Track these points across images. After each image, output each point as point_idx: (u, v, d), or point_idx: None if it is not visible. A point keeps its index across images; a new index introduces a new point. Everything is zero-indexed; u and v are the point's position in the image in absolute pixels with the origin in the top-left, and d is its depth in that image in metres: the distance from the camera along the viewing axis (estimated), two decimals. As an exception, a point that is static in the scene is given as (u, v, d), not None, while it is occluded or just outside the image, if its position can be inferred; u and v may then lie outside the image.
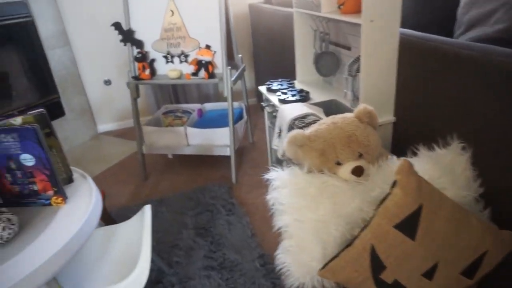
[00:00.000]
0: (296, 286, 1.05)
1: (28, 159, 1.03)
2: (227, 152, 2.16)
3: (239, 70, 2.28)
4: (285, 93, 1.69)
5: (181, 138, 2.25)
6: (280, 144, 1.50)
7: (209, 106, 2.62)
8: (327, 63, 1.70)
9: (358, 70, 1.39)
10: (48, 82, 2.97)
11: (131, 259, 1.14)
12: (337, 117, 1.11)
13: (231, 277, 1.46)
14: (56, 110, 3.04)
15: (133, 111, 2.24)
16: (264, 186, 2.32)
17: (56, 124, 2.93)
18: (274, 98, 1.72)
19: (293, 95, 1.65)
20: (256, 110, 3.34)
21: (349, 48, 1.60)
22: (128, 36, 2.09)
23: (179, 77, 2.08)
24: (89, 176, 1.26)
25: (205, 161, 2.53)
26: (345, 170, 1.06)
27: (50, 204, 1.11)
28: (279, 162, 1.88)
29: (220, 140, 2.18)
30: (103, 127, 3.37)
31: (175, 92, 3.19)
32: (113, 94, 3.31)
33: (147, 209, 1.21)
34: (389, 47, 1.26)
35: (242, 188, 2.17)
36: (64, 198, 1.10)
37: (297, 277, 1.04)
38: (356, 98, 1.44)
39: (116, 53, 3.14)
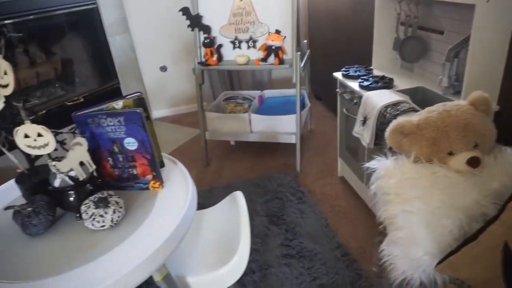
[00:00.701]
0: (401, 279, 1.00)
1: (131, 143, 1.03)
2: (293, 139, 2.12)
3: (305, 56, 2.22)
4: (366, 80, 1.61)
5: (244, 124, 2.23)
6: (365, 132, 1.44)
7: (268, 93, 2.59)
8: (412, 48, 1.60)
9: (456, 55, 1.30)
10: (110, 68, 3.04)
11: (225, 245, 1.13)
12: (449, 104, 1.03)
13: (311, 266, 1.43)
14: (115, 96, 3.11)
15: (198, 97, 2.24)
16: (330, 175, 2.34)
17: (116, 109, 3.00)
18: (353, 85, 1.65)
19: (375, 82, 1.57)
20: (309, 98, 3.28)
21: (441, 32, 1.50)
22: (195, 21, 2.08)
23: (247, 63, 2.05)
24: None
25: (266, 149, 2.50)
26: (459, 160, 0.98)
27: (147, 189, 1.12)
28: (351, 151, 1.82)
29: (285, 127, 2.14)
30: (157, 113, 3.42)
31: (230, 79, 3.18)
32: (168, 80, 3.34)
33: (239, 195, 1.19)
34: (502, 30, 1.16)
35: (307, 177, 2.13)
36: (162, 182, 1.11)
37: (403, 270, 0.99)
38: (451, 86, 1.35)
39: (172, 40, 3.16)
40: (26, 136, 0.94)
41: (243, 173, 2.26)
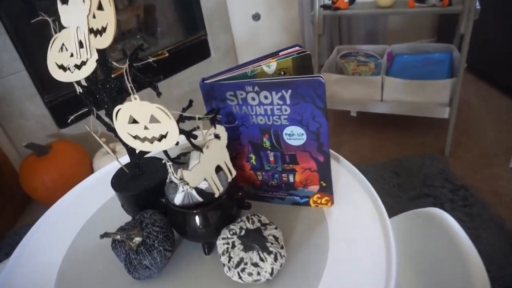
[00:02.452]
0: None
1: (295, 135, 0.60)
2: (445, 113, 1.56)
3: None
4: None
5: (374, 90, 1.71)
6: None
7: (397, 48, 1.99)
8: None
9: None
10: (196, 16, 2.62)
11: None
12: None
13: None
14: (202, 50, 2.72)
15: (315, 52, 1.75)
16: (497, 164, 1.56)
17: (201, 67, 2.61)
18: None
19: None
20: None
21: None
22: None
23: (391, 6, 1.49)
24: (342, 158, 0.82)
25: (395, 121, 1.96)
26: None
27: (306, 204, 0.70)
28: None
29: (434, 96, 1.59)
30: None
31: (338, 29, 2.59)
32: (260, 31, 2.84)
33: (447, 220, 0.73)
34: None
35: (463, 165, 1.57)
36: (332, 197, 0.68)
37: None
38: None
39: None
40: (134, 121, 0.55)
41: (367, 153, 1.77)
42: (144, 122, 0.53)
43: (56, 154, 1.62)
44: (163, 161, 0.57)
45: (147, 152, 0.64)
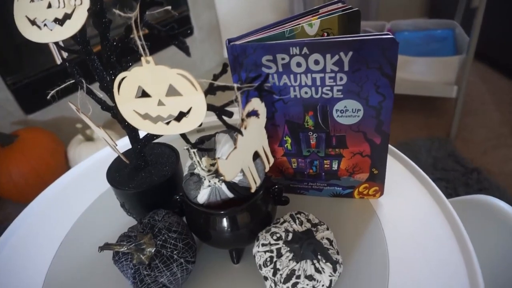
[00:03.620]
0: None
1: (349, 111, 0.48)
2: (452, 92, 1.48)
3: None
4: None
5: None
6: None
7: (397, 24, 1.87)
8: None
9: None
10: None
11: None
12: None
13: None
14: (184, 27, 2.52)
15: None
16: (505, 146, 1.48)
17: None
18: None
19: None
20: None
21: None
22: None
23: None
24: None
25: (397, 104, 1.82)
26: None
27: (348, 196, 0.58)
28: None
29: (440, 74, 1.50)
30: (230, 51, 2.78)
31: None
32: (249, 6, 2.64)
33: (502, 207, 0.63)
34: None
35: (468, 147, 1.50)
36: (382, 187, 0.56)
37: None
38: None
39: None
40: (143, 94, 0.40)
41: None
42: (159, 95, 0.39)
43: (24, 143, 1.42)
44: (185, 148, 0.43)
45: (154, 138, 0.50)
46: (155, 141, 0.53)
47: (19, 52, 1.58)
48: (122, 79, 0.39)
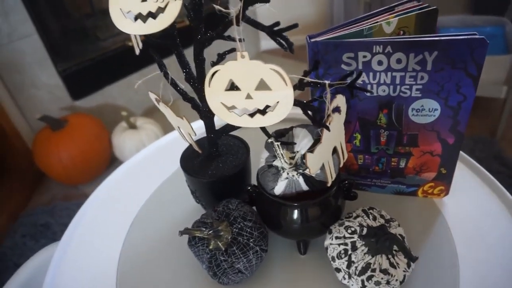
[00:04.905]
0: None
1: (425, 110, 0.48)
2: (501, 93, 1.44)
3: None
4: None
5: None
6: None
7: (442, 20, 1.82)
8: None
9: None
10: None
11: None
12: None
13: None
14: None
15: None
16: None
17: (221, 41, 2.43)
18: None
19: None
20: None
21: None
22: None
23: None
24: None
25: None
26: None
27: (411, 194, 0.58)
28: None
29: (487, 74, 1.46)
30: (267, 43, 2.78)
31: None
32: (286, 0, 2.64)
33: None
34: None
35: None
36: (448, 187, 0.56)
37: None
38: None
39: None
40: (232, 86, 0.42)
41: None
42: (249, 89, 0.41)
43: (73, 128, 1.49)
44: (269, 140, 0.44)
45: (231, 129, 0.52)
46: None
47: (69, 40, 1.64)
48: (215, 72, 0.41)
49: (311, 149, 0.42)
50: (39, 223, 1.39)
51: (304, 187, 0.46)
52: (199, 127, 0.54)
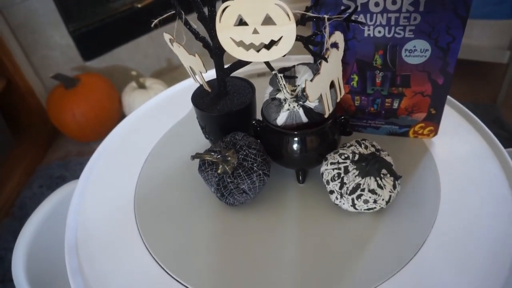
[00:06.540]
0: None
1: (417, 51, 0.52)
2: (504, 57, 1.46)
3: None
4: None
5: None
6: None
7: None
8: None
9: None
10: None
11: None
12: None
13: None
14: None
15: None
16: None
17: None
18: None
19: None
20: None
21: None
22: None
23: None
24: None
25: None
26: None
27: (403, 134, 0.63)
28: None
29: (490, 38, 1.47)
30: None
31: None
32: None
33: None
34: None
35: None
36: (437, 127, 0.61)
37: None
38: None
39: None
40: (241, 22, 0.47)
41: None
42: (256, 23, 0.45)
43: (85, 87, 1.54)
44: (273, 72, 0.49)
45: (239, 67, 0.57)
46: (233, 74, 0.60)
47: (79, 0, 1.67)
48: (225, 8, 0.45)
49: (310, 79, 0.46)
50: (55, 176, 1.48)
51: (304, 118, 0.51)
52: (208, 75, 0.58)
